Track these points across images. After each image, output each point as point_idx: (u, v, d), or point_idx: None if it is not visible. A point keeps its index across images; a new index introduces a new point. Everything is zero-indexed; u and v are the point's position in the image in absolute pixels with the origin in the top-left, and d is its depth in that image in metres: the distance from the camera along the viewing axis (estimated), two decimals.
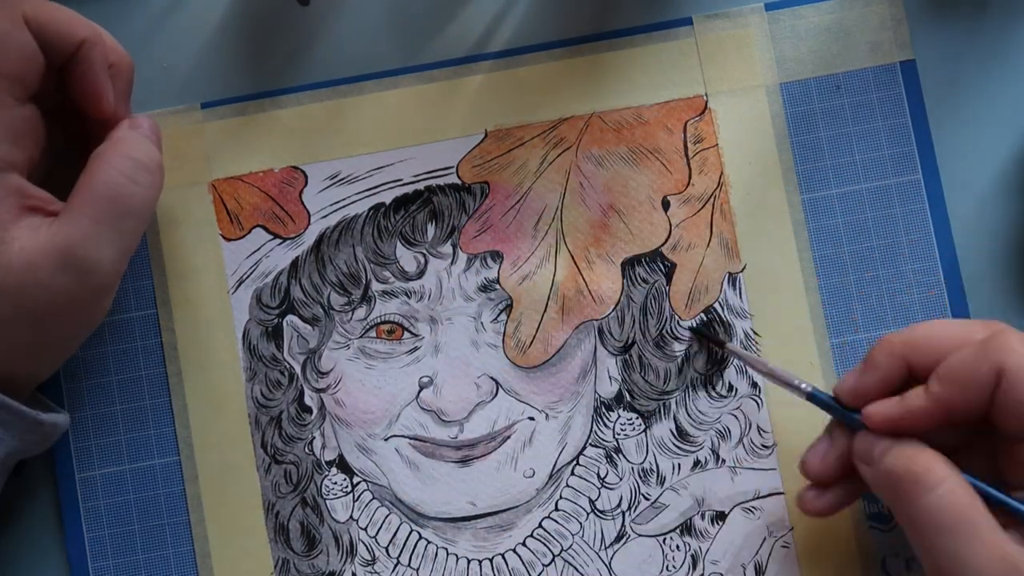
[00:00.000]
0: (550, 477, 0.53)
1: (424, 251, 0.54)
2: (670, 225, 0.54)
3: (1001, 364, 0.43)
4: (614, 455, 0.54)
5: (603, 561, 0.53)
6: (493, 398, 0.54)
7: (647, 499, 0.53)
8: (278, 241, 0.54)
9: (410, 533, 0.53)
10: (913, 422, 0.45)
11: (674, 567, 0.53)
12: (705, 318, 0.53)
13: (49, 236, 0.46)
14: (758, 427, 0.54)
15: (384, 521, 0.53)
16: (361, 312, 0.54)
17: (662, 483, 0.53)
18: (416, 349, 0.54)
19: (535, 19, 0.55)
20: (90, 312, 0.48)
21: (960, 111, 0.55)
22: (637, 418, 0.54)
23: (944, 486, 0.43)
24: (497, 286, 0.54)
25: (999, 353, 0.43)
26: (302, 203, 0.54)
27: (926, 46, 0.55)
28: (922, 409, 0.45)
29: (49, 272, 0.45)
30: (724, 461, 0.53)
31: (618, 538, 0.53)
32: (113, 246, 0.47)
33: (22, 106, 0.47)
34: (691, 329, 0.53)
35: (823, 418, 0.50)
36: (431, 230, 0.54)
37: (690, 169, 0.54)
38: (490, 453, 0.53)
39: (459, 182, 0.54)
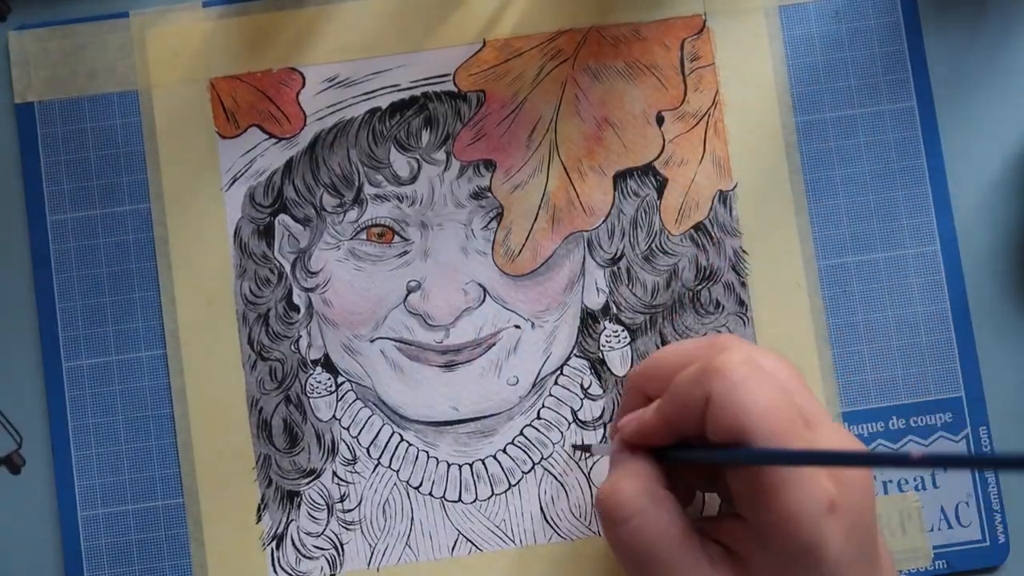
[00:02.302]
0: (533, 386, 0.54)
1: (418, 157, 0.54)
2: (663, 140, 0.54)
3: (709, 390, 0.43)
4: (598, 367, 0.54)
5: (583, 471, 0.53)
6: (480, 305, 0.54)
7: None
8: (273, 141, 0.54)
9: (392, 435, 0.53)
10: (648, 436, 0.46)
11: None
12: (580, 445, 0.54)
13: None
14: None
15: (367, 422, 0.54)
16: (353, 214, 0.54)
17: None
18: (406, 253, 0.54)
19: None
20: None
21: (964, 108, 0.55)
22: (623, 331, 0.54)
23: (634, 521, 0.44)
24: (489, 194, 0.54)
25: (709, 379, 0.43)
26: (299, 104, 0.55)
27: (930, 44, 0.55)
28: (651, 424, 0.46)
29: None
30: None
31: None
32: None
33: None
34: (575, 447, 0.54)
35: (810, 336, 0.51)
36: (425, 136, 0.54)
37: (685, 86, 0.55)
38: (475, 359, 0.54)
39: (455, 90, 0.55)
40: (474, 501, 0.53)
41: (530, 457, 0.53)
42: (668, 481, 0.46)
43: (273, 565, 0.53)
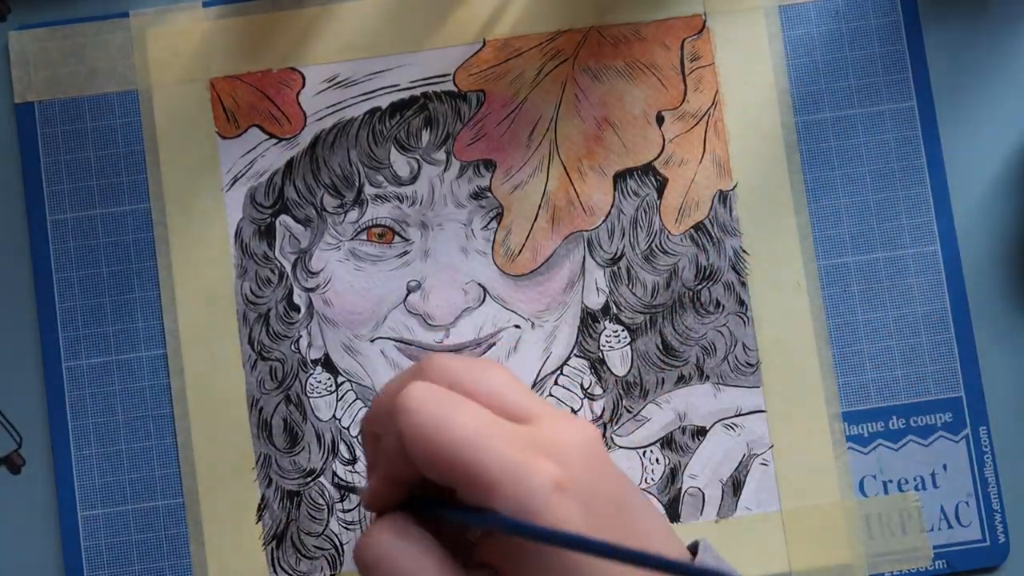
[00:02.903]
0: (533, 385, 0.54)
1: (418, 157, 0.54)
2: (663, 140, 0.54)
3: (398, 430, 0.38)
4: (598, 367, 0.54)
5: None
6: (480, 304, 0.54)
7: (629, 412, 0.54)
8: (274, 141, 0.54)
9: None
10: (384, 499, 0.40)
11: (652, 479, 0.53)
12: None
13: None
14: (743, 344, 0.54)
15: None
16: (353, 215, 0.54)
17: (645, 396, 0.54)
18: (406, 253, 0.54)
19: None
20: None
21: (964, 108, 0.55)
22: (623, 330, 0.54)
23: (384, 563, 0.38)
24: (489, 194, 0.54)
25: (395, 419, 0.38)
26: (299, 104, 0.55)
27: (930, 44, 0.55)
28: (379, 486, 0.40)
29: None
30: (708, 377, 0.54)
31: None
32: None
33: None
34: None
35: (809, 336, 0.51)
36: (425, 136, 0.54)
37: (685, 86, 0.55)
38: None
39: (455, 90, 0.55)
40: None
41: None
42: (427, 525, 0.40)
43: (273, 565, 0.53)
